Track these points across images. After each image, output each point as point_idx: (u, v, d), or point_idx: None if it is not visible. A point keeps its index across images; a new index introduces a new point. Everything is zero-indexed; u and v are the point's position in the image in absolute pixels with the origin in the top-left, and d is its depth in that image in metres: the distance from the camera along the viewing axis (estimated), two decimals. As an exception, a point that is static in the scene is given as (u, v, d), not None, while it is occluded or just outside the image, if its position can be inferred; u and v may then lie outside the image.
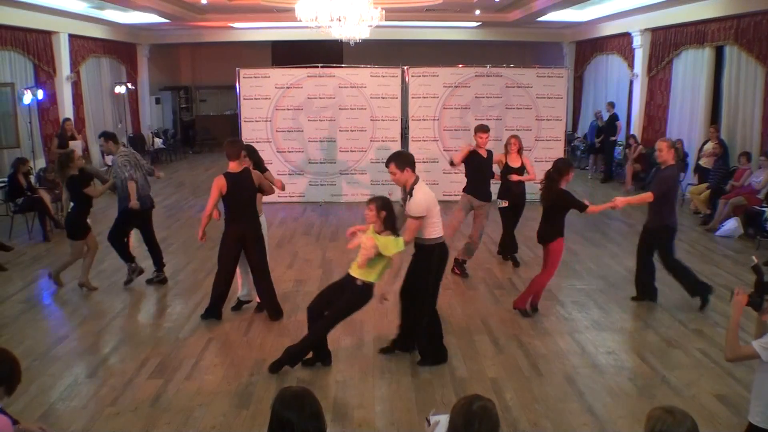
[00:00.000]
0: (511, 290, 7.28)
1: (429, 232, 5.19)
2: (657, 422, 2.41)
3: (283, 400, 2.51)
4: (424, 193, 5.13)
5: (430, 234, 5.20)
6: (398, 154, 5.36)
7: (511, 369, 5.34)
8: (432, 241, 5.21)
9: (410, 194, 5.15)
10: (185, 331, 6.13)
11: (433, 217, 5.17)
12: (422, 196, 5.10)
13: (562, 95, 12.19)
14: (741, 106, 11.06)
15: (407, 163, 5.21)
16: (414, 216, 5.09)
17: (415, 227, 5.13)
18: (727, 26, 11.12)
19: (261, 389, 4.96)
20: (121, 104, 16.76)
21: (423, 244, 5.24)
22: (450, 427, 2.47)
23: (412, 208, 5.10)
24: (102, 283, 7.45)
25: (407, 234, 5.13)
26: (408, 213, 5.14)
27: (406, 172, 5.19)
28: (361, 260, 5.00)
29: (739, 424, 4.08)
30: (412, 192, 5.14)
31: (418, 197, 5.09)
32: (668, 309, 6.62)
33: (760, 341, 3.24)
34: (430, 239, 5.21)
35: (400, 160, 5.21)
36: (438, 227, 5.24)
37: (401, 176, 5.20)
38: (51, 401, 4.79)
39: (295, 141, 12.07)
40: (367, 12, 9.92)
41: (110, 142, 7.40)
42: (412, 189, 5.15)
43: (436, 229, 5.22)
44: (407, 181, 5.21)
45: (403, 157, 5.27)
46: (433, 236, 5.21)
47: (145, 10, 13.03)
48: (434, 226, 5.20)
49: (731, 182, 10.30)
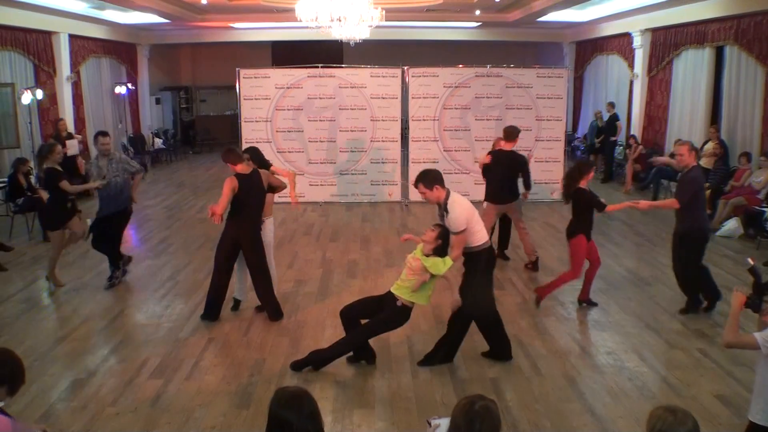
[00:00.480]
0: (512, 290, 7.29)
1: (473, 240, 5.16)
2: (658, 421, 2.42)
3: (280, 401, 2.52)
4: (460, 205, 5.08)
5: (475, 242, 5.17)
6: (425, 173, 5.21)
7: (511, 369, 5.34)
8: (479, 247, 5.20)
9: (446, 210, 5.09)
10: (185, 332, 6.13)
11: (474, 225, 5.13)
12: (459, 210, 5.05)
13: (562, 95, 12.19)
14: (741, 106, 11.06)
15: (435, 181, 5.12)
16: (455, 232, 5.05)
17: (461, 241, 5.09)
18: (728, 26, 11.12)
19: (261, 389, 4.96)
20: (121, 104, 16.75)
21: (470, 252, 5.23)
22: (451, 427, 2.47)
23: (453, 224, 5.04)
24: (102, 282, 7.43)
25: (455, 250, 5.11)
26: (450, 230, 5.09)
27: (436, 189, 5.11)
28: (416, 284, 5.01)
29: (739, 425, 4.08)
30: (447, 208, 5.08)
31: (455, 212, 5.03)
32: (668, 309, 6.62)
33: (762, 333, 3.23)
34: (476, 246, 5.19)
35: (428, 179, 5.12)
36: (482, 233, 5.20)
37: (432, 194, 5.13)
38: (51, 401, 4.79)
39: (296, 141, 12.07)
40: (367, 12, 9.92)
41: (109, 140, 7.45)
42: (446, 205, 5.09)
43: (480, 235, 5.18)
44: (439, 198, 5.15)
45: (431, 176, 5.15)
46: (479, 243, 5.19)
47: (145, 11, 13.03)
48: (477, 233, 5.17)
49: (731, 182, 10.30)
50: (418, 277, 5.00)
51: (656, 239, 9.38)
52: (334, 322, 6.28)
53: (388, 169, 12.22)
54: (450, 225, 5.07)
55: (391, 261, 8.43)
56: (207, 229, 10.05)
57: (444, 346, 5.42)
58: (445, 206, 5.11)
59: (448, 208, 5.07)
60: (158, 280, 7.66)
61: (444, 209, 5.13)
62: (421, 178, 5.16)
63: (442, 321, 6.33)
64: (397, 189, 12.27)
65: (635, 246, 9.19)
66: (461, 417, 2.43)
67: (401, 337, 5.95)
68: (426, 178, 5.14)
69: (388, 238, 9.61)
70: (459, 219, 5.02)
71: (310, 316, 6.52)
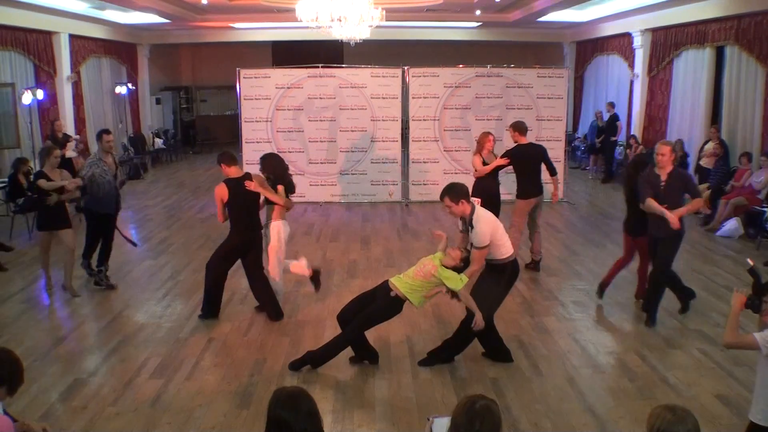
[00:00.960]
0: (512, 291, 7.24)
1: (500, 253, 5.15)
2: (658, 420, 2.42)
3: (278, 401, 2.52)
4: (486, 221, 5.05)
5: (501, 255, 5.16)
6: (451, 187, 5.16)
7: (511, 369, 5.34)
8: (504, 260, 5.19)
9: (471, 225, 5.06)
10: (185, 332, 6.13)
11: (500, 238, 5.12)
12: (484, 226, 5.02)
13: (562, 95, 12.19)
14: (741, 106, 11.05)
15: (461, 195, 5.08)
16: (479, 247, 5.03)
17: (481, 257, 5.08)
18: (728, 26, 11.11)
19: (261, 389, 4.96)
20: (121, 104, 16.75)
21: (495, 264, 5.21)
22: (452, 426, 2.47)
23: (476, 239, 5.02)
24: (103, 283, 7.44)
25: (475, 264, 5.10)
26: (473, 244, 5.07)
27: (462, 204, 5.07)
28: (429, 293, 5.09)
29: (739, 425, 4.08)
30: (472, 222, 5.05)
31: (480, 228, 5.00)
32: (668, 309, 6.61)
33: (762, 333, 3.24)
34: (501, 259, 5.18)
35: (454, 193, 5.07)
36: (507, 246, 5.18)
37: (458, 208, 5.09)
38: (51, 401, 4.79)
39: (296, 141, 12.07)
40: (367, 12, 9.91)
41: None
42: (472, 219, 5.06)
43: (506, 248, 5.17)
44: (465, 212, 5.11)
45: (456, 189, 5.10)
46: (504, 256, 5.18)
47: (146, 11, 13.03)
48: (503, 246, 5.15)
49: (732, 182, 10.30)
50: (433, 286, 5.05)
51: (656, 239, 9.36)
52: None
53: (389, 169, 12.22)
54: (474, 239, 5.05)
55: (391, 261, 8.43)
56: (207, 229, 10.06)
57: (450, 348, 5.41)
58: (470, 221, 5.08)
59: (474, 223, 5.04)
60: (158, 280, 7.66)
61: (469, 224, 5.09)
62: (448, 191, 5.11)
63: (442, 321, 6.34)
64: (397, 189, 12.27)
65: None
66: (462, 416, 2.43)
67: (401, 337, 5.95)
68: (452, 191, 5.09)
69: (388, 238, 9.61)
70: (484, 234, 5.00)
71: (310, 316, 6.52)
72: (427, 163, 12.18)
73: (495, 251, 5.13)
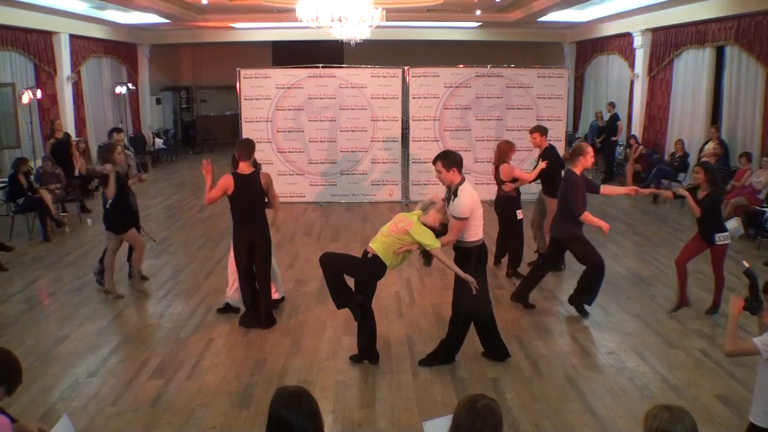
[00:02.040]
0: (512, 291, 7.26)
1: (469, 235, 5.13)
2: (656, 420, 2.41)
3: (279, 400, 2.52)
4: (469, 194, 5.03)
5: (469, 237, 5.13)
6: (446, 153, 5.19)
7: (511, 369, 5.34)
8: (471, 243, 5.15)
9: (454, 194, 5.06)
10: (186, 331, 6.13)
11: (476, 219, 5.10)
12: (467, 198, 5.01)
13: (562, 95, 12.19)
14: (742, 106, 11.06)
15: (454, 163, 5.07)
16: (457, 217, 5.02)
17: (459, 228, 5.05)
18: (728, 26, 11.12)
19: (261, 389, 4.96)
20: (121, 104, 16.76)
21: (462, 247, 5.18)
22: (453, 425, 2.46)
23: (456, 208, 5.01)
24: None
25: (451, 234, 5.07)
26: (451, 213, 5.05)
27: (452, 172, 5.06)
28: (399, 249, 4.99)
29: (739, 425, 4.08)
30: (456, 192, 5.05)
31: (462, 198, 5.00)
32: (668, 309, 6.61)
33: (761, 338, 3.24)
34: (469, 242, 5.15)
35: (448, 160, 5.08)
36: (478, 230, 5.16)
37: (447, 175, 5.07)
38: (52, 401, 4.80)
39: (296, 141, 12.07)
40: (367, 12, 9.93)
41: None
42: (457, 189, 5.05)
43: (475, 231, 5.14)
44: (453, 181, 5.10)
45: (451, 157, 5.12)
46: (472, 239, 5.15)
47: (146, 11, 13.04)
48: (475, 228, 5.13)
49: (732, 182, 10.30)
50: (405, 244, 4.98)
51: (656, 239, 9.38)
52: (334, 323, 6.29)
53: (389, 169, 12.22)
54: (453, 209, 5.03)
55: (391, 261, 8.42)
56: (207, 229, 10.07)
57: (446, 348, 5.41)
58: (455, 190, 5.06)
59: (458, 192, 5.03)
60: (158, 280, 7.65)
61: (453, 193, 5.07)
62: (442, 156, 5.13)
63: (442, 321, 6.34)
64: (397, 189, 12.26)
65: (635, 246, 9.18)
66: (464, 415, 2.43)
67: (401, 337, 5.95)
68: (447, 158, 5.11)
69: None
70: (464, 205, 4.98)
71: (310, 316, 6.52)
72: (427, 163, 12.12)
73: (465, 231, 5.10)
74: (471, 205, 5.02)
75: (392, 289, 7.30)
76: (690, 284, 6.74)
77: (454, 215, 5.03)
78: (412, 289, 7.35)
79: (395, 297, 7.07)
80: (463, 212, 4.99)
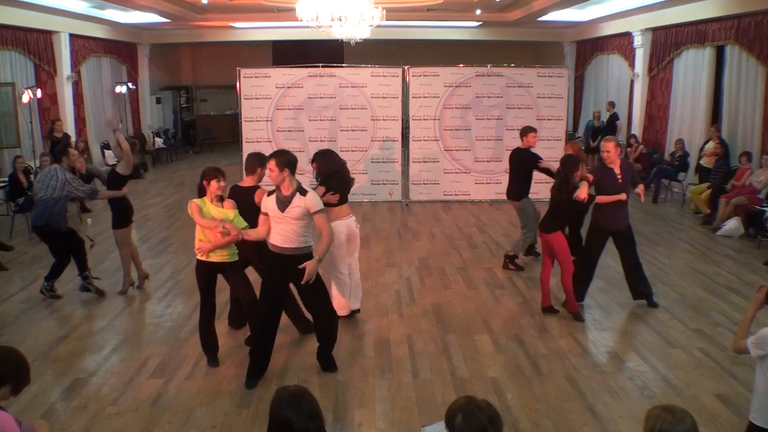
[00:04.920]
0: (512, 290, 7.28)
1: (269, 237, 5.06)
2: (657, 420, 2.41)
3: (280, 400, 2.52)
4: (312, 194, 4.94)
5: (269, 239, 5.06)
6: (284, 153, 5.01)
7: (511, 369, 5.34)
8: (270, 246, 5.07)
9: (303, 192, 4.90)
10: (186, 331, 6.13)
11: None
12: (313, 194, 4.93)
13: (562, 95, 12.19)
14: (742, 105, 11.05)
15: (287, 164, 4.88)
16: (319, 210, 4.94)
17: (321, 221, 4.96)
18: (728, 26, 11.11)
19: (262, 389, 4.96)
20: (121, 104, 16.76)
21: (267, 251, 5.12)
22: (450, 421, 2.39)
23: (311, 202, 4.92)
24: (102, 283, 7.41)
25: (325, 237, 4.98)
26: (310, 209, 4.89)
27: (285, 172, 4.86)
28: (208, 225, 5.11)
29: (740, 424, 4.08)
30: (304, 191, 4.92)
31: (311, 194, 4.94)
32: (668, 309, 6.62)
33: (751, 338, 3.25)
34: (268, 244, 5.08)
35: (282, 159, 4.88)
36: (273, 236, 5.00)
37: (278, 176, 4.85)
38: (52, 401, 4.79)
39: (296, 141, 12.06)
40: (367, 12, 9.91)
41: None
42: (304, 189, 4.92)
43: (273, 236, 4.99)
44: (282, 182, 4.87)
45: (289, 157, 4.92)
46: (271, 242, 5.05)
47: (146, 10, 13.03)
48: (273, 233, 5.01)
49: (732, 182, 10.30)
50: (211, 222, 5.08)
51: (656, 239, 9.38)
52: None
53: (389, 168, 12.22)
54: (311, 204, 4.88)
55: (391, 261, 8.44)
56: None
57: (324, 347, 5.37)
58: (304, 190, 4.91)
59: (305, 192, 4.90)
60: (158, 280, 7.65)
61: (302, 191, 4.90)
62: (276, 155, 4.95)
63: (442, 320, 6.35)
64: (397, 188, 12.26)
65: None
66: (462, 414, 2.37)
67: (401, 337, 5.95)
68: (282, 156, 4.92)
69: (388, 238, 9.61)
70: (316, 198, 4.94)
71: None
72: (427, 162, 12.18)
73: (301, 239, 4.95)
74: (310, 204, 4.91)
75: (392, 289, 7.30)
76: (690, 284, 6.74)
77: (316, 212, 4.88)
78: (412, 288, 7.35)
79: (395, 297, 7.07)
80: (318, 203, 4.91)
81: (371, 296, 7.06)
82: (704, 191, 10.60)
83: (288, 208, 4.86)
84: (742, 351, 3.38)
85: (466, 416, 2.33)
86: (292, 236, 4.92)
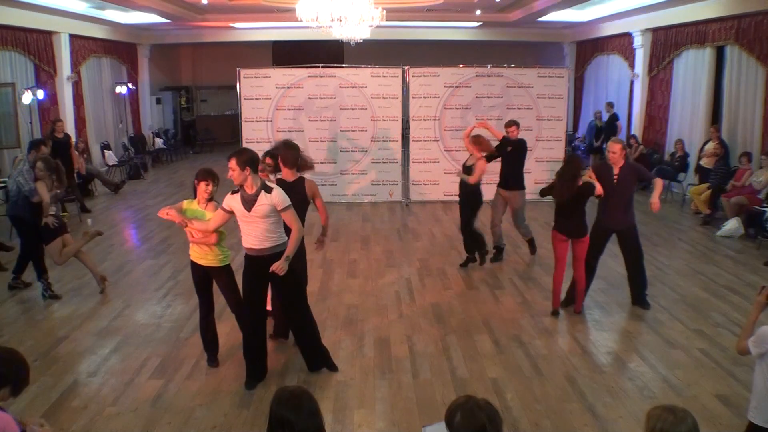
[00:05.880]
0: (512, 290, 7.28)
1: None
2: (657, 421, 2.41)
3: (280, 400, 2.53)
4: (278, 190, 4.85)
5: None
6: (245, 151, 4.87)
7: (511, 369, 5.34)
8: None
9: (268, 191, 4.81)
10: (186, 331, 6.13)
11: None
12: (278, 191, 4.83)
13: (562, 95, 12.20)
14: (742, 106, 11.05)
15: (248, 163, 4.75)
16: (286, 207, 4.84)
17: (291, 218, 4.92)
18: (728, 26, 11.11)
19: (262, 389, 4.96)
20: (121, 104, 16.76)
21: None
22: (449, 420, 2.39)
23: (280, 201, 4.83)
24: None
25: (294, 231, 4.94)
26: (276, 206, 4.80)
27: (246, 171, 4.73)
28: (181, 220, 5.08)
29: (740, 425, 4.07)
30: (269, 188, 4.84)
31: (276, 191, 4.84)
32: (668, 309, 6.62)
33: (751, 338, 3.25)
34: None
35: (246, 158, 4.75)
36: (246, 238, 4.95)
37: (240, 175, 4.73)
38: (52, 401, 4.79)
39: (296, 141, 11.98)
40: (367, 12, 9.91)
41: None
42: (264, 189, 4.80)
43: (245, 239, 4.95)
44: (244, 181, 4.76)
45: (252, 156, 4.80)
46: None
47: (146, 10, 13.03)
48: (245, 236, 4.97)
49: (732, 182, 10.30)
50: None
51: (656, 239, 9.37)
52: (334, 323, 6.29)
53: (389, 168, 12.23)
54: (277, 201, 4.79)
55: (391, 261, 8.44)
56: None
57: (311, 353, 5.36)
58: (270, 188, 4.83)
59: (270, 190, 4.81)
60: (158, 280, 7.66)
61: (267, 189, 4.81)
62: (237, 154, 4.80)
63: (442, 320, 6.35)
64: (397, 189, 12.27)
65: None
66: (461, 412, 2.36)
67: (401, 337, 5.95)
68: (243, 155, 4.79)
69: (388, 238, 9.61)
70: (281, 195, 4.82)
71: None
72: (427, 163, 12.18)
73: (274, 236, 4.88)
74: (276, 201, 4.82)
75: (392, 289, 7.30)
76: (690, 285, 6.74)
77: (283, 209, 4.81)
78: (412, 289, 7.35)
79: (395, 297, 7.07)
80: (285, 200, 4.82)
81: (371, 296, 7.07)
82: (704, 192, 10.60)
83: (254, 206, 4.78)
84: (745, 352, 3.38)
85: (465, 415, 2.33)
86: (263, 236, 4.86)
